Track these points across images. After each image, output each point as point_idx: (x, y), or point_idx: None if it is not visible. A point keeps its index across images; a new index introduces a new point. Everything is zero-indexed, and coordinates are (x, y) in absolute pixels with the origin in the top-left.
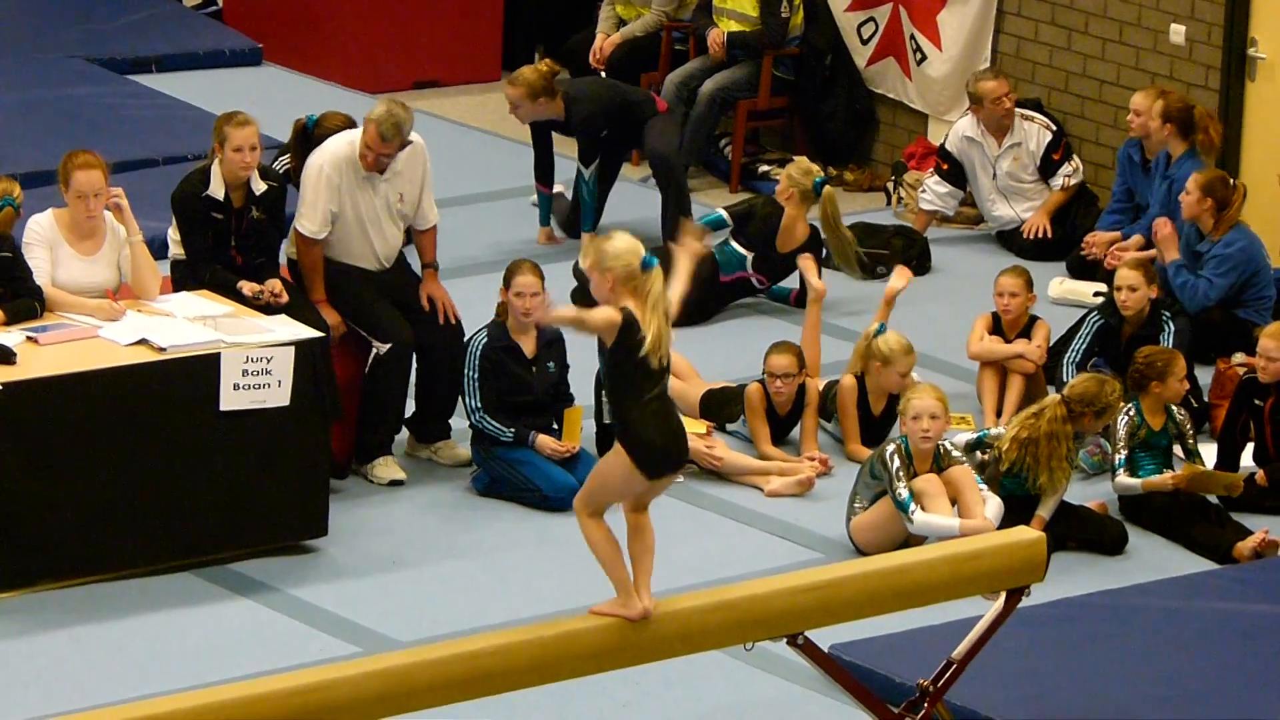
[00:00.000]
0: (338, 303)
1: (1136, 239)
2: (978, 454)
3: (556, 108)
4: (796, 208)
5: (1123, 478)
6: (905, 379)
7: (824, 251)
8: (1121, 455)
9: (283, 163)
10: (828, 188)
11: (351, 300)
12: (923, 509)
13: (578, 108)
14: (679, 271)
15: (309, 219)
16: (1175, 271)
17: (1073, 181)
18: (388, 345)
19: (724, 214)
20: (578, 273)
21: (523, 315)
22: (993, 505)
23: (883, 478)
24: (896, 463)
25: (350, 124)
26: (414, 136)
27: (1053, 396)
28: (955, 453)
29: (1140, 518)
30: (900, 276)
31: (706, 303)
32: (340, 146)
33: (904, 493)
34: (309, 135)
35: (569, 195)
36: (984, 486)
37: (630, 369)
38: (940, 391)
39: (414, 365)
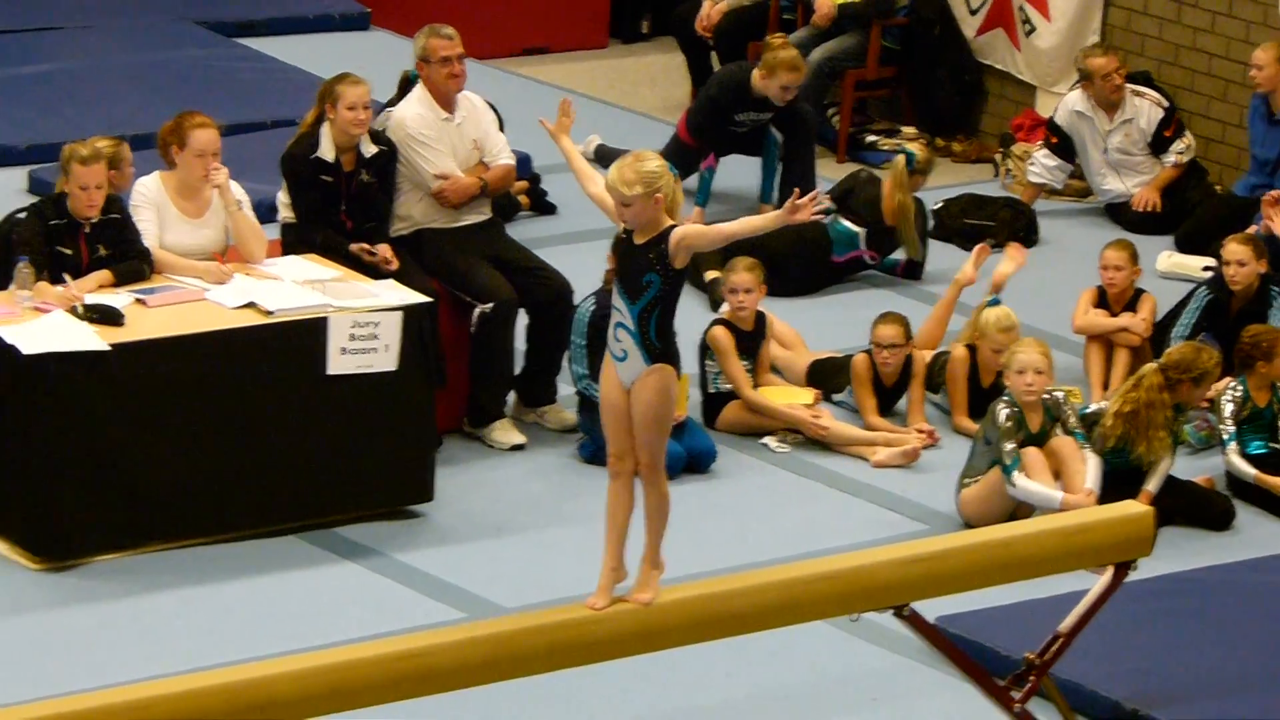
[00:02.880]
0: (435, 271)
1: None
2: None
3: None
4: (892, 179)
5: (1236, 459)
6: (1000, 356)
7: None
8: (1230, 431)
9: (383, 119)
10: (899, 158)
11: (448, 267)
12: (1026, 476)
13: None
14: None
15: (442, 165)
16: None
17: (1185, 159)
18: (491, 304)
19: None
20: None
21: None
22: (1092, 467)
23: (993, 437)
24: (1005, 417)
25: None
26: (467, 92)
27: (1150, 365)
28: (1065, 409)
29: (1248, 493)
30: (1011, 260)
31: (818, 283)
32: (408, 108)
33: (1011, 454)
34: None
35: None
36: (1085, 446)
37: (680, 288)
38: (1045, 346)
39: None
